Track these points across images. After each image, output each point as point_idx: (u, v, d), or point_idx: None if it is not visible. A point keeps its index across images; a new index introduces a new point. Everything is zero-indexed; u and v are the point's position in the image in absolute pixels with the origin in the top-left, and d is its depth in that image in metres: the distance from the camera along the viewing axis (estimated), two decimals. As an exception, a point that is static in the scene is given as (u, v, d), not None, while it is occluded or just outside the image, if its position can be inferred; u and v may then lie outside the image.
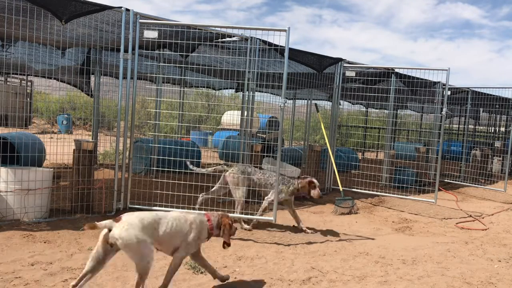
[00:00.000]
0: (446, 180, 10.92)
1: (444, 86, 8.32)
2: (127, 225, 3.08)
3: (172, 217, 3.40)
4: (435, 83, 9.51)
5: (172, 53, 6.89)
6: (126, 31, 5.59)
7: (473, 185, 10.59)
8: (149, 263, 3.13)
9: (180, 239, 3.41)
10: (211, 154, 12.50)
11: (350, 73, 8.29)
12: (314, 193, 5.68)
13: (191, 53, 6.63)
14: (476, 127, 14.37)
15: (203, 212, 3.97)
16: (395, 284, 4.14)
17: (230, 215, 4.12)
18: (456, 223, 6.86)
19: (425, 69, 8.34)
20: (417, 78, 8.68)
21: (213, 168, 5.90)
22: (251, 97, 6.67)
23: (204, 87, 12.90)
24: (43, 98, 14.48)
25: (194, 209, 5.70)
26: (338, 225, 6.21)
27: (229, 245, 3.68)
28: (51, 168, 6.13)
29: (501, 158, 12.54)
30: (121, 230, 3.05)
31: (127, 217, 3.15)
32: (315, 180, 5.75)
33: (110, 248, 3.10)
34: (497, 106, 12.28)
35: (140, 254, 3.11)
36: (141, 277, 3.12)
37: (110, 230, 3.07)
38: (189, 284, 3.79)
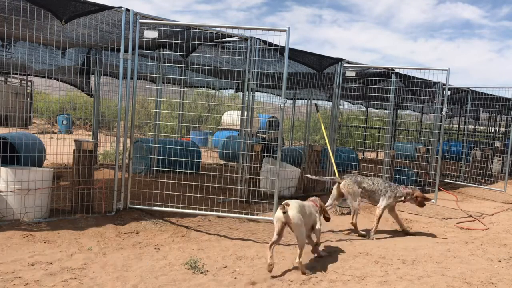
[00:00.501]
0: (446, 180, 10.92)
1: (444, 86, 8.32)
2: (294, 209, 4.21)
3: (307, 204, 4.60)
4: (435, 83, 9.51)
5: (172, 53, 6.89)
6: (126, 31, 5.59)
7: (473, 185, 10.59)
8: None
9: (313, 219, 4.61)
10: (211, 154, 12.50)
11: (350, 73, 8.29)
12: (421, 203, 6.02)
13: (191, 53, 6.63)
14: (476, 127, 14.38)
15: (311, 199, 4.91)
16: (395, 284, 4.14)
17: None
18: (456, 223, 6.86)
19: (425, 69, 8.34)
20: (417, 78, 8.68)
21: (330, 178, 6.56)
22: (251, 97, 6.67)
23: (204, 87, 12.90)
24: (43, 98, 14.50)
25: (194, 209, 5.70)
26: (338, 225, 6.21)
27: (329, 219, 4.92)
28: (51, 168, 6.13)
29: (501, 158, 12.54)
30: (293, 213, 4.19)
31: (294, 204, 4.28)
32: (421, 194, 6.04)
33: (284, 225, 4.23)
34: (497, 106, 12.28)
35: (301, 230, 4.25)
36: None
37: (284, 213, 4.14)
38: (189, 284, 3.79)
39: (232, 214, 5.83)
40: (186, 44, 6.28)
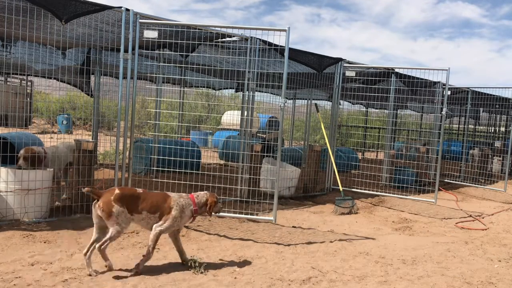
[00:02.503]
0: (446, 180, 10.92)
1: (444, 86, 8.32)
2: None
3: None
4: (435, 83, 9.51)
5: (172, 53, 6.89)
6: (126, 31, 5.59)
7: (473, 185, 10.59)
8: None
9: None
10: (211, 154, 12.50)
11: (350, 73, 8.29)
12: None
13: (191, 53, 6.63)
14: (476, 127, 14.38)
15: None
16: (395, 284, 4.14)
17: None
18: (456, 223, 6.86)
19: (425, 69, 8.34)
20: (417, 78, 8.68)
21: None
22: (251, 97, 6.67)
23: (204, 87, 12.90)
24: (43, 98, 14.49)
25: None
26: (338, 225, 6.21)
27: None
28: (51, 168, 6.13)
29: (501, 158, 12.54)
30: None
31: None
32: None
33: None
34: (497, 106, 12.29)
35: None
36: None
37: None
38: (189, 284, 3.79)
39: (232, 214, 5.83)
40: (186, 44, 6.28)
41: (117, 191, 3.86)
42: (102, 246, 3.78)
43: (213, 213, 4.28)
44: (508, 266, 4.91)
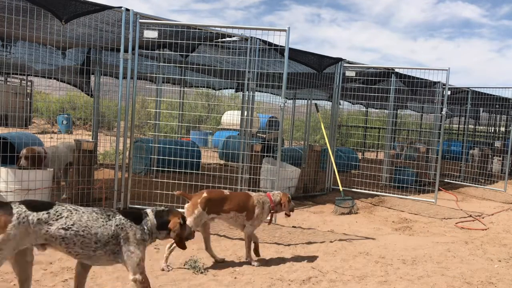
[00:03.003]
0: (446, 180, 10.92)
1: (444, 86, 8.32)
2: None
3: None
4: (435, 83, 9.51)
5: (172, 53, 6.89)
6: (126, 31, 5.59)
7: (473, 185, 10.59)
8: None
9: None
10: (211, 154, 12.50)
11: (350, 73, 8.29)
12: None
13: (191, 53, 6.63)
14: (476, 127, 14.38)
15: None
16: (395, 284, 4.14)
17: None
18: (456, 223, 6.86)
19: (425, 69, 8.34)
20: (417, 78, 8.68)
21: None
22: (251, 97, 6.67)
23: (204, 87, 12.90)
24: (43, 98, 14.48)
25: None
26: (338, 225, 6.21)
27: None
28: (51, 168, 6.12)
29: (501, 158, 12.54)
30: None
31: None
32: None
33: None
34: (497, 106, 12.28)
35: None
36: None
37: None
38: (189, 284, 3.79)
39: (232, 214, 5.81)
40: (186, 44, 6.28)
41: (204, 194, 4.28)
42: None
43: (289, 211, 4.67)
44: (508, 266, 4.91)
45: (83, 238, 2.78)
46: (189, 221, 4.07)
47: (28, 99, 15.88)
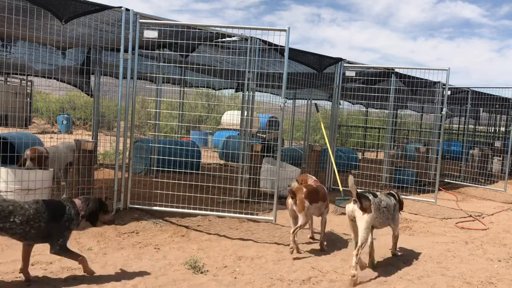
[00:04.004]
0: (446, 180, 10.92)
1: (444, 86, 8.32)
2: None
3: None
4: (435, 83, 9.51)
5: (172, 53, 6.89)
6: (126, 31, 5.59)
7: (473, 185, 10.59)
8: None
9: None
10: (211, 154, 12.50)
11: (350, 73, 8.29)
12: None
13: (191, 53, 6.63)
14: (476, 127, 14.38)
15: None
16: (395, 284, 4.14)
17: None
18: (456, 223, 6.86)
19: (425, 69, 8.33)
20: (417, 78, 8.68)
21: None
22: (251, 97, 6.67)
23: (204, 87, 12.90)
24: (43, 98, 14.49)
25: (194, 209, 5.70)
26: (338, 225, 6.21)
27: None
28: (51, 168, 6.13)
29: (501, 158, 12.54)
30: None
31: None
32: None
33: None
34: (497, 106, 12.28)
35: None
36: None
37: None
38: (189, 284, 3.79)
39: (232, 214, 5.83)
40: (186, 44, 6.28)
41: (304, 189, 4.79)
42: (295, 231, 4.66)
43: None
44: (508, 266, 4.91)
45: None
46: (300, 215, 4.69)
47: (28, 99, 15.89)
